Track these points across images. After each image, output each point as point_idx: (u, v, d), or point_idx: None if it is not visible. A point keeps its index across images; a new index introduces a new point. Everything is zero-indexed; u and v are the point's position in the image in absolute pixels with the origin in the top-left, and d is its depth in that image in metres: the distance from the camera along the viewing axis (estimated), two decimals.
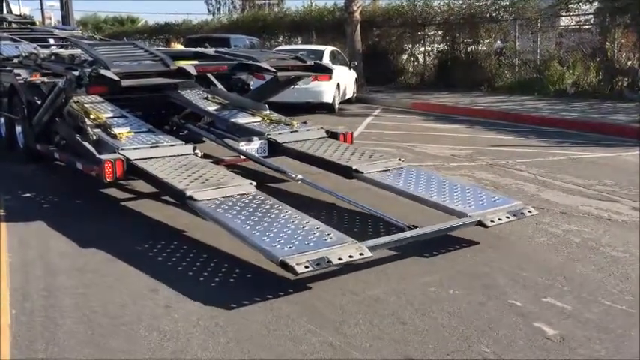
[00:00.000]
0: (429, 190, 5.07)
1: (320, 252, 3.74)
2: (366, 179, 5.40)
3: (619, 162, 7.94)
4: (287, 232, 3.99)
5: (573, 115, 11.90)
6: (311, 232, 4.01)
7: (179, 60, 6.66)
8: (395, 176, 5.38)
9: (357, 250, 3.82)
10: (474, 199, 4.92)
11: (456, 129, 11.18)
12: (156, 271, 4.16)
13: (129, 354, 3.09)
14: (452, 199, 4.89)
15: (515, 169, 7.50)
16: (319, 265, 3.64)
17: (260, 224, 4.12)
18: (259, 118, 6.99)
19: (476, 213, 4.61)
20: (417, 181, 5.26)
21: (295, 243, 3.84)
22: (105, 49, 6.50)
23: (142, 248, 4.65)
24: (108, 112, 6.49)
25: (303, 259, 3.63)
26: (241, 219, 4.22)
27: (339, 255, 3.73)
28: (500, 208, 4.77)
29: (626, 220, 5.30)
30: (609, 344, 3.17)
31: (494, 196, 5.14)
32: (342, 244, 3.86)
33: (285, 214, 4.33)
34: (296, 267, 3.56)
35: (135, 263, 4.32)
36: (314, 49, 15.18)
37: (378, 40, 20.62)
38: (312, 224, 4.14)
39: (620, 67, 14.82)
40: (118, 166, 5.17)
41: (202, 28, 28.65)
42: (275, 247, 3.80)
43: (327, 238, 3.93)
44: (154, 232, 5.04)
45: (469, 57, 18.21)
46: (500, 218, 4.62)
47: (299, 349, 3.12)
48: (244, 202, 4.54)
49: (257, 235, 3.96)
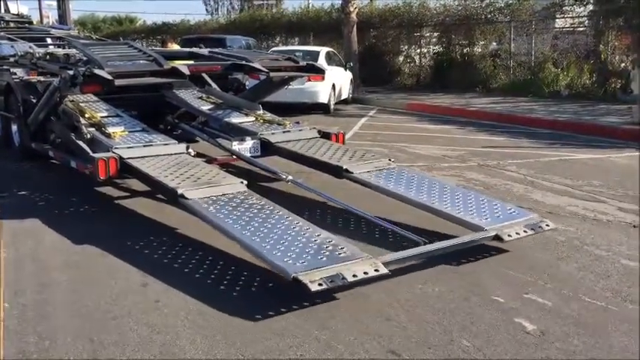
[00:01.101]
0: (442, 201, 4.92)
1: (334, 268, 3.60)
2: (355, 179, 5.48)
3: (608, 163, 8.03)
4: (298, 246, 3.86)
5: (566, 116, 12.01)
6: (323, 246, 3.87)
7: (173, 60, 6.74)
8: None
9: (371, 266, 3.68)
10: (489, 210, 4.77)
11: (449, 130, 11.27)
12: (147, 267, 4.24)
13: (119, 347, 3.17)
14: (466, 210, 4.74)
15: (506, 169, 7.59)
16: (333, 282, 3.50)
17: (269, 236, 4.00)
18: (253, 117, 7.07)
19: (492, 226, 4.44)
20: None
21: (307, 258, 3.71)
22: (99, 48, 6.58)
23: (134, 244, 4.73)
24: (103, 111, 6.56)
25: (316, 276, 3.50)
26: (241, 224, 4.16)
27: (353, 271, 3.59)
28: (516, 221, 4.60)
29: (611, 220, 5.39)
30: (587, 339, 3.25)
31: (510, 207, 4.96)
32: (357, 260, 3.72)
33: (287, 220, 4.26)
34: (309, 285, 3.43)
35: (127, 259, 4.40)
36: (310, 50, 15.28)
37: (374, 41, 20.72)
38: (324, 237, 4.01)
39: (614, 69, 14.94)
40: (112, 165, 5.25)
41: (200, 28, 28.72)
42: (287, 262, 3.67)
43: (340, 253, 3.79)
44: (146, 229, 5.12)
45: (465, 58, 18.31)
46: (518, 232, 4.45)
47: (285, 343, 3.20)
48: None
49: (268, 249, 3.84)
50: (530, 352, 3.12)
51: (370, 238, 4.78)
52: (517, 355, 3.09)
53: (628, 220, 5.39)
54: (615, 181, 6.84)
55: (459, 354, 3.09)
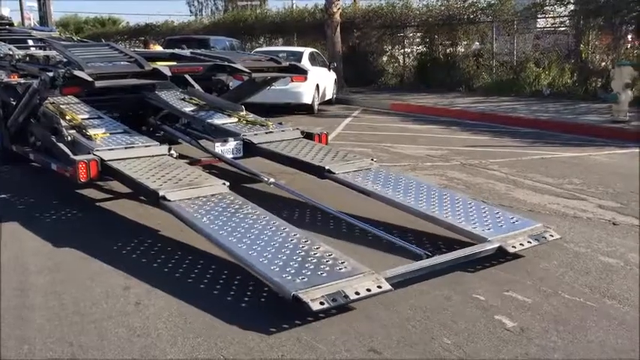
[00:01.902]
0: (442, 209, 4.77)
1: (335, 285, 3.44)
2: (338, 179, 5.49)
3: (589, 161, 8.13)
4: (297, 260, 3.70)
5: (548, 115, 12.13)
6: (323, 260, 3.71)
7: (155, 61, 6.71)
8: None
9: (374, 282, 3.53)
10: (492, 219, 4.62)
11: (432, 129, 11.33)
12: (128, 269, 4.21)
13: (99, 350, 3.15)
14: (468, 219, 4.60)
15: (488, 168, 7.64)
16: (335, 301, 3.34)
17: (266, 249, 3.87)
18: (235, 118, 7.06)
19: (496, 237, 4.29)
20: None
21: (307, 274, 3.54)
22: (79, 50, 6.52)
23: (116, 247, 4.70)
24: (84, 113, 6.51)
25: (317, 294, 3.34)
26: (237, 237, 4.03)
27: (355, 288, 3.44)
28: (520, 231, 4.45)
29: (591, 218, 5.46)
30: (566, 335, 3.29)
31: (512, 216, 4.78)
32: (358, 275, 3.56)
33: (284, 231, 4.11)
34: (310, 304, 3.27)
35: (108, 261, 4.37)
36: (293, 51, 15.28)
37: (358, 41, 20.77)
38: (323, 250, 3.85)
39: (594, 69, 15.12)
40: (92, 167, 5.21)
41: (183, 29, 28.61)
42: (286, 278, 3.50)
43: (341, 268, 3.63)
44: (127, 231, 5.09)
45: (448, 58, 18.43)
46: (522, 243, 4.30)
47: (266, 343, 3.20)
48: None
49: (265, 264, 3.68)
50: (509, 348, 3.15)
51: (364, 242, 4.70)
52: (497, 351, 3.12)
53: (607, 217, 5.46)
54: (595, 179, 6.92)
55: (440, 352, 3.11)
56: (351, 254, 3.95)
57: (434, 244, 4.64)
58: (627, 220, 5.37)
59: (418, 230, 4.91)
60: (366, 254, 4.35)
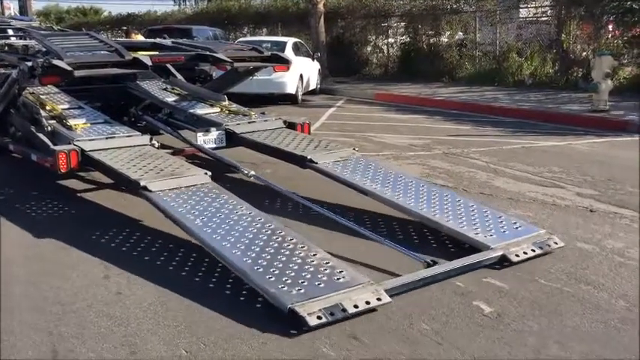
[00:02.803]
0: (443, 212, 4.61)
1: (333, 297, 3.31)
2: (319, 170, 5.50)
3: (569, 150, 8.22)
4: (294, 269, 3.57)
5: (529, 105, 12.23)
6: (320, 269, 3.57)
7: (136, 51, 6.66)
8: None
9: (373, 294, 3.39)
10: (494, 225, 4.44)
11: (416, 119, 11.38)
12: (109, 259, 4.21)
13: (79, 339, 3.15)
14: (470, 224, 4.43)
15: (470, 157, 7.71)
16: (333, 315, 3.21)
17: (261, 255, 3.71)
18: (218, 108, 7.04)
19: (499, 245, 4.14)
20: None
21: (304, 284, 3.40)
22: (58, 39, 6.46)
23: (96, 237, 4.70)
24: (64, 103, 6.46)
25: (315, 308, 3.21)
26: (231, 241, 3.90)
27: (354, 301, 3.30)
28: (523, 237, 4.30)
29: (569, 205, 5.54)
30: (541, 320, 3.35)
31: (515, 221, 4.60)
32: (357, 287, 3.42)
33: (280, 235, 3.98)
34: (307, 318, 3.15)
35: (88, 251, 4.37)
36: (277, 41, 15.24)
37: (342, 31, 20.75)
38: (320, 257, 3.71)
39: (576, 58, 15.25)
40: (73, 157, 5.18)
41: (166, 19, 28.34)
42: (282, 289, 3.36)
43: (339, 278, 3.50)
44: (108, 221, 5.08)
45: (431, 48, 18.47)
46: (526, 252, 4.14)
47: (247, 331, 3.22)
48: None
49: (260, 273, 3.53)
50: (486, 333, 3.20)
51: (358, 243, 4.47)
52: (474, 336, 3.17)
53: (585, 204, 5.54)
54: (575, 168, 7.01)
55: (418, 337, 3.16)
56: (343, 252, 3.98)
57: (422, 236, 4.69)
58: (604, 207, 5.45)
59: (401, 220, 4.95)
60: (359, 253, 4.27)
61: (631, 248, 4.43)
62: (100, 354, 3.01)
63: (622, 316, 3.40)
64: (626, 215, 5.20)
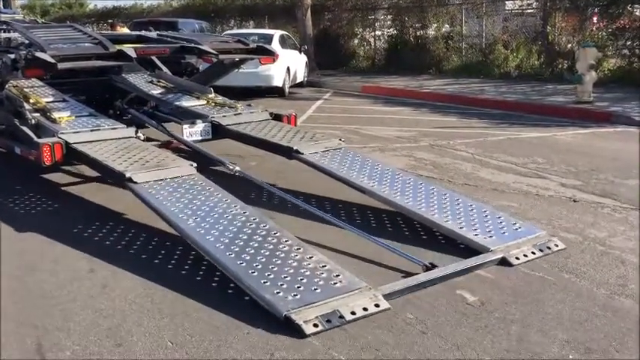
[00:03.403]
0: (441, 212, 4.51)
1: (329, 303, 3.22)
2: (306, 161, 5.50)
3: (553, 141, 8.29)
4: (289, 272, 3.47)
5: (515, 96, 12.31)
6: (317, 273, 3.48)
7: (121, 43, 6.61)
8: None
9: (371, 300, 3.31)
10: (494, 226, 4.35)
11: (402, 111, 11.41)
12: (94, 253, 4.20)
13: (64, 332, 3.15)
14: (469, 225, 4.34)
15: (456, 149, 7.75)
16: (330, 322, 3.12)
17: (256, 258, 3.60)
18: (204, 101, 7.00)
19: (499, 247, 4.05)
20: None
21: (300, 290, 3.32)
22: (42, 31, 6.40)
23: (81, 230, 4.68)
24: (48, 96, 6.40)
25: (311, 315, 3.13)
26: (226, 243, 3.80)
27: (351, 307, 3.22)
28: (524, 239, 4.20)
29: (552, 195, 5.59)
30: (524, 308, 3.40)
31: (514, 222, 4.48)
32: (354, 292, 3.34)
33: (274, 236, 3.86)
34: (304, 326, 3.06)
35: (73, 245, 4.36)
36: (264, 33, 15.19)
37: (329, 24, 20.72)
38: (316, 260, 3.62)
39: (561, 50, 15.35)
40: (57, 150, 5.14)
41: (152, 12, 28.14)
42: (278, 295, 3.27)
43: (335, 282, 3.41)
44: (93, 215, 5.06)
45: (418, 41, 18.49)
46: (526, 254, 4.04)
47: (233, 324, 3.23)
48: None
49: (255, 277, 3.44)
50: (470, 321, 3.24)
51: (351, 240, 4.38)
52: (458, 325, 3.21)
53: (568, 194, 5.60)
54: (559, 159, 7.08)
55: (402, 326, 3.19)
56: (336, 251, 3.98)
57: (413, 228, 4.71)
58: (587, 197, 5.52)
59: (386, 212, 4.97)
60: (354, 253, 4.22)
61: (613, 237, 4.49)
62: (85, 346, 3.01)
63: (603, 303, 3.45)
64: (609, 205, 5.27)
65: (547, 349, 2.97)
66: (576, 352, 2.94)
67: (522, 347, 2.99)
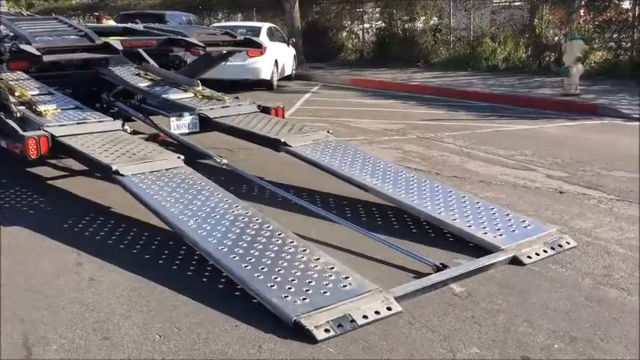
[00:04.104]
0: (448, 210, 4.41)
1: (340, 306, 3.11)
2: (294, 153, 5.49)
3: (540, 133, 8.35)
4: (296, 275, 3.37)
5: (502, 89, 12.36)
6: (325, 275, 3.37)
7: (107, 36, 6.56)
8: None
9: (383, 303, 3.20)
10: (503, 223, 4.27)
11: (391, 104, 11.42)
12: (82, 246, 4.18)
13: (50, 326, 3.14)
14: (477, 223, 4.24)
15: (443, 141, 7.78)
16: (341, 327, 3.00)
17: (261, 260, 3.50)
18: (191, 93, 6.96)
19: (509, 245, 3.96)
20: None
21: (309, 293, 3.20)
22: (27, 24, 6.33)
23: (68, 224, 4.65)
24: (34, 89, 6.34)
25: (321, 319, 3.01)
26: (227, 244, 3.68)
27: (363, 311, 3.11)
28: (534, 237, 4.11)
29: (539, 187, 5.63)
30: (510, 298, 3.43)
31: (524, 219, 4.40)
32: (365, 294, 3.24)
33: (279, 237, 3.76)
34: (315, 332, 2.94)
35: (61, 239, 4.33)
36: (251, 26, 15.10)
37: (317, 16, 20.67)
38: (323, 262, 3.51)
39: (548, 43, 15.42)
40: (43, 143, 5.10)
41: (139, 4, 27.89)
42: (286, 300, 3.15)
43: (345, 285, 3.30)
44: (80, 208, 5.03)
45: (406, 34, 18.49)
46: (538, 253, 3.95)
47: (222, 317, 3.22)
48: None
49: (261, 280, 3.32)
50: (457, 312, 3.27)
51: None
52: (445, 315, 3.23)
53: (555, 186, 5.64)
54: (546, 151, 7.12)
55: (390, 317, 3.20)
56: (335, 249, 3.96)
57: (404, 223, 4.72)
58: (573, 188, 5.56)
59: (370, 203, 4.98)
60: (358, 252, 4.27)
61: (598, 228, 4.54)
62: (71, 340, 3.00)
63: (588, 293, 3.49)
64: (595, 196, 5.32)
65: (533, 339, 3.00)
66: (561, 342, 2.98)
67: (509, 337, 3.02)
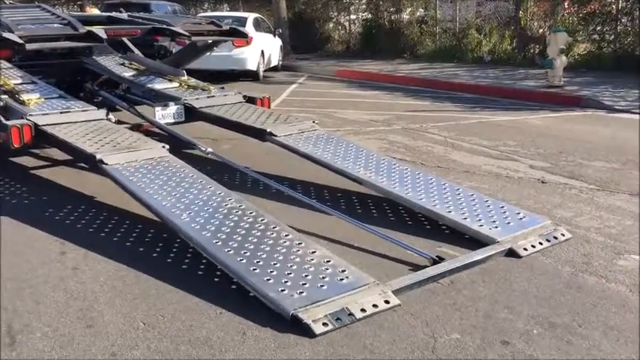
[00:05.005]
0: (443, 202, 4.41)
1: (337, 300, 3.09)
2: (280, 143, 5.50)
3: (524, 125, 8.43)
4: (292, 269, 3.33)
5: (488, 81, 12.46)
6: (321, 269, 3.34)
7: (92, 25, 6.51)
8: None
9: (381, 296, 3.18)
10: (498, 216, 4.27)
11: (376, 95, 11.46)
12: (65, 235, 4.17)
13: (35, 315, 3.13)
14: (472, 216, 4.24)
15: (428, 132, 7.82)
16: (340, 320, 2.98)
17: (256, 254, 3.45)
18: (177, 83, 6.94)
19: (505, 238, 3.96)
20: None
21: (306, 287, 3.17)
22: (9, 12, 6.28)
23: (52, 214, 4.63)
24: (16, 78, 6.27)
25: (319, 313, 2.99)
26: (223, 240, 3.61)
27: (361, 304, 3.08)
28: (529, 229, 4.12)
29: (522, 177, 5.70)
30: (491, 285, 3.48)
31: (518, 211, 4.39)
32: (362, 288, 3.21)
33: (274, 230, 3.73)
34: (313, 326, 2.92)
35: (45, 229, 4.31)
36: (237, 16, 15.05)
37: (303, 7, 20.66)
38: (319, 255, 3.49)
39: (533, 35, 15.54)
40: (26, 132, 5.06)
41: None
42: (283, 293, 3.13)
43: (342, 278, 3.28)
44: (63, 198, 5.01)
45: (393, 25, 18.54)
46: (534, 245, 3.96)
47: (206, 304, 3.24)
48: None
49: (257, 274, 3.28)
50: (439, 299, 3.31)
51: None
52: (427, 303, 3.27)
53: (537, 176, 5.71)
54: (529, 141, 7.20)
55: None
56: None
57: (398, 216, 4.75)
58: (555, 178, 5.64)
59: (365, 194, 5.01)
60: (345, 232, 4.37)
61: (578, 217, 4.60)
62: (55, 328, 3.01)
63: (568, 280, 3.55)
64: (576, 186, 5.39)
65: (513, 325, 3.05)
66: (541, 327, 3.03)
67: (489, 323, 3.07)
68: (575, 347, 2.87)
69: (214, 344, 2.87)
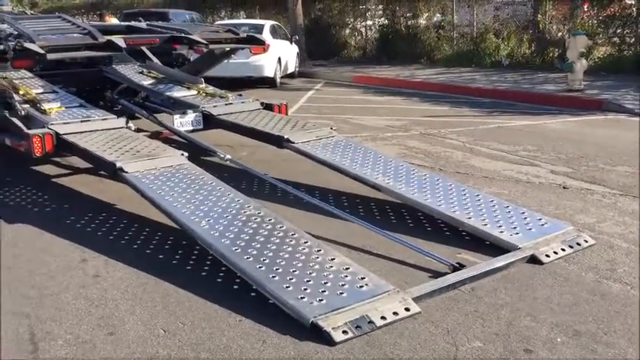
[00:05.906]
0: (463, 208, 4.36)
1: (357, 308, 3.07)
2: (297, 149, 5.50)
3: (544, 129, 8.34)
4: (311, 276, 3.32)
5: (506, 85, 12.36)
6: (340, 276, 3.33)
7: (111, 34, 6.58)
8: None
9: (401, 303, 3.16)
10: (519, 222, 4.21)
11: (394, 101, 11.42)
12: (86, 243, 4.20)
13: (56, 322, 3.16)
14: (493, 222, 4.18)
15: (447, 137, 7.78)
16: (360, 328, 2.96)
17: (275, 261, 3.45)
18: (195, 91, 6.98)
19: (527, 244, 3.91)
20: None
21: (325, 294, 3.16)
22: (30, 22, 6.37)
23: (73, 221, 4.68)
24: (38, 87, 6.35)
25: (339, 321, 2.97)
26: (240, 244, 3.64)
27: (381, 312, 3.07)
28: (551, 235, 4.06)
29: (543, 182, 5.63)
30: (513, 292, 3.43)
31: (540, 217, 4.34)
32: (382, 295, 3.19)
33: (293, 237, 3.71)
34: (332, 333, 2.90)
35: (65, 236, 4.35)
36: (255, 24, 15.13)
37: (320, 14, 20.70)
38: (339, 262, 3.47)
39: (551, 39, 15.40)
40: (47, 141, 5.11)
41: (143, 2, 27.96)
42: (303, 301, 3.11)
43: (362, 286, 3.26)
44: (84, 205, 5.06)
45: (409, 30, 18.50)
46: (556, 251, 3.90)
47: (226, 312, 3.24)
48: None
49: (276, 282, 3.27)
50: (460, 306, 3.27)
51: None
52: (448, 310, 3.24)
53: (558, 181, 5.64)
54: (549, 146, 7.12)
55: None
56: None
57: (398, 217, 4.72)
58: (577, 184, 5.56)
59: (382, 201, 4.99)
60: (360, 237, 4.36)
61: (601, 223, 4.53)
62: (77, 335, 3.02)
63: (591, 288, 3.49)
64: (598, 191, 5.31)
65: (536, 333, 3.01)
66: (565, 335, 2.98)
67: (512, 331, 3.03)
68: (601, 356, 2.81)
69: (234, 352, 2.87)
